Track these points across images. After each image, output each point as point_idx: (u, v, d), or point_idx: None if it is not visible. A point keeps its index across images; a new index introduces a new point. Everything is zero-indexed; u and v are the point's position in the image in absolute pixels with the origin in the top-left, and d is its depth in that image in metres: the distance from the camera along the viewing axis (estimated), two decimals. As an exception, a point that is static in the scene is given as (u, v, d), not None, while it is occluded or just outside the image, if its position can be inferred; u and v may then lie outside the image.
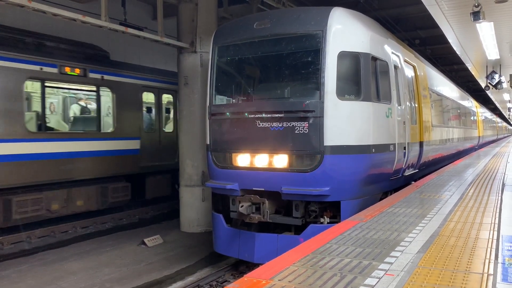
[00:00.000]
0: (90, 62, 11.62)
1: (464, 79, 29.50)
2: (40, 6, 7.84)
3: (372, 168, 6.93)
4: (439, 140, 11.85)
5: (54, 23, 10.91)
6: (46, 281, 7.54)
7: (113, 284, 7.42)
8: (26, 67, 10.02)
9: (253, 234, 7.05)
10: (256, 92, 7.52)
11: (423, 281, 3.13)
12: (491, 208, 5.83)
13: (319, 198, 6.61)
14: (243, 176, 7.01)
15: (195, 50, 10.78)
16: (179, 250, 9.37)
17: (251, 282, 3.13)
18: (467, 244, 4.07)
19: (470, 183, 8.30)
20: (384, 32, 8.21)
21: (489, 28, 10.64)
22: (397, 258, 3.68)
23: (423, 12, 11.57)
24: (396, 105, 7.70)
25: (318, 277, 3.24)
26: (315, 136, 6.46)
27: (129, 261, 8.63)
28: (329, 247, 4.04)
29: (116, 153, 12.19)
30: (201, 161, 10.60)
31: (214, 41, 7.69)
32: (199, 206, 10.83)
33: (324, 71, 6.53)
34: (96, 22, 8.80)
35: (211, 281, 7.57)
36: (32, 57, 10.19)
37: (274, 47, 7.09)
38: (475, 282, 3.09)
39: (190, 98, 10.88)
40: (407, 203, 6.29)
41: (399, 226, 4.85)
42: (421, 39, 18.87)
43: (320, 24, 6.71)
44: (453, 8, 9.13)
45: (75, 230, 11.10)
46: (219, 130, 7.38)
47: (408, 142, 8.22)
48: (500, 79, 16.51)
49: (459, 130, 16.43)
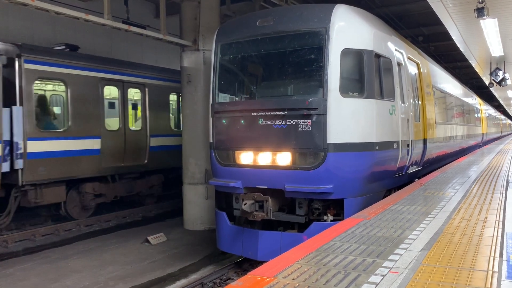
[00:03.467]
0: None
1: (467, 76, 29.38)
2: (43, 5, 7.86)
3: (375, 165, 6.91)
4: (443, 137, 11.81)
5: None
6: (50, 279, 7.57)
7: (117, 282, 7.44)
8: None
9: (256, 232, 7.05)
10: (259, 89, 7.51)
11: (427, 278, 3.12)
12: (496, 205, 5.80)
13: (323, 196, 6.60)
14: (246, 174, 7.01)
15: (198, 48, 10.77)
16: (183, 248, 9.39)
17: (254, 280, 3.13)
18: (471, 242, 4.06)
19: (474, 181, 8.27)
20: (388, 29, 8.18)
21: (493, 24, 10.58)
22: (401, 255, 3.67)
23: (427, 9, 11.53)
24: (399, 103, 7.67)
25: (322, 274, 3.23)
26: (319, 134, 6.44)
27: (133, 259, 8.65)
28: (333, 245, 4.03)
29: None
30: (204, 159, 10.61)
31: (217, 39, 7.68)
32: (202, 204, 10.84)
33: (327, 68, 6.51)
34: (99, 20, 8.80)
35: (215, 278, 7.58)
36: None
37: (277, 45, 7.07)
38: (480, 280, 3.08)
39: (193, 96, 10.88)
40: (411, 200, 6.27)
41: (403, 223, 4.84)
42: (425, 36, 18.79)
43: (323, 21, 6.68)
44: (457, 4, 9.07)
45: (79, 228, 11.13)
46: (222, 128, 7.38)
47: (411, 139, 8.19)
48: (504, 76, 16.43)
49: (462, 128, 16.37)
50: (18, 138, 9.59)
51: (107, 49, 15.21)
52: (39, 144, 9.99)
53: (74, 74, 10.87)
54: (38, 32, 13.26)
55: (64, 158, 10.56)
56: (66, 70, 10.72)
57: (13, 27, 12.63)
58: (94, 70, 11.35)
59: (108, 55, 13.96)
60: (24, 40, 11.92)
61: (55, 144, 10.38)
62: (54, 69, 10.46)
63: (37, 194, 10.16)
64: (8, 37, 11.53)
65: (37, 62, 10.06)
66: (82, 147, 11.02)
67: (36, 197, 10.16)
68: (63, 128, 10.80)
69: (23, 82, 9.75)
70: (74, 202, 11.34)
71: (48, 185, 10.33)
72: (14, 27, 12.65)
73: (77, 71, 10.98)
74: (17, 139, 9.58)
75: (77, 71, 10.98)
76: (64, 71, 10.66)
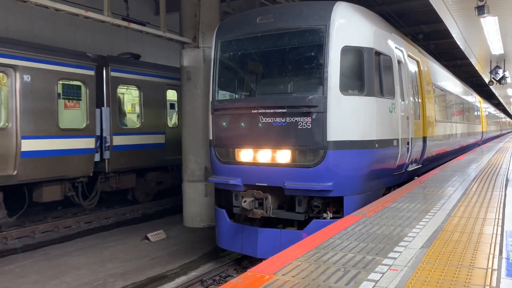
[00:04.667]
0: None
1: (467, 74, 29.39)
2: (43, 1, 7.83)
3: (375, 163, 6.91)
4: (443, 135, 11.81)
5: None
6: (50, 276, 7.58)
7: (117, 279, 7.45)
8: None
9: (256, 229, 7.06)
10: (259, 87, 7.50)
11: (427, 276, 3.13)
12: (495, 203, 5.81)
13: (322, 193, 6.60)
14: (246, 172, 7.01)
15: (198, 45, 10.76)
16: (182, 245, 9.39)
17: (254, 277, 3.13)
18: (471, 239, 4.06)
19: (473, 178, 8.27)
20: (388, 27, 8.16)
21: (493, 22, 10.58)
22: (401, 253, 3.67)
23: (427, 7, 11.52)
24: (399, 100, 7.67)
25: (322, 272, 3.23)
26: (318, 131, 6.44)
27: (133, 256, 8.66)
28: (332, 242, 4.03)
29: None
30: (204, 156, 10.61)
31: (217, 36, 7.67)
32: (202, 202, 10.85)
33: (327, 66, 6.50)
34: (99, 17, 8.78)
35: (214, 276, 7.59)
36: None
37: (277, 42, 7.06)
38: (479, 277, 3.08)
39: (192, 93, 10.87)
40: (410, 198, 6.28)
41: (403, 221, 4.84)
42: (425, 34, 18.77)
43: (323, 19, 6.67)
44: (457, 2, 9.07)
45: (78, 225, 11.15)
46: (222, 126, 7.37)
47: (411, 137, 8.19)
48: (504, 74, 16.45)
49: (462, 125, 16.37)
50: (106, 133, 11.80)
51: (107, 47, 15.19)
52: (121, 139, 12.17)
53: (146, 80, 13.11)
54: (37, 29, 13.23)
55: (138, 150, 12.71)
56: (140, 77, 12.94)
57: (13, 24, 12.60)
58: (160, 77, 13.61)
59: (109, 53, 13.97)
60: (23, 37, 11.91)
61: (131, 139, 12.56)
62: (131, 76, 12.65)
63: (116, 180, 12.33)
64: (8, 35, 11.50)
65: (119, 71, 12.15)
66: (151, 141, 13.16)
67: (116, 183, 12.32)
68: (137, 125, 13.04)
69: (110, 87, 11.93)
70: (141, 188, 13.45)
71: (125, 173, 12.49)
72: (13, 24, 12.61)
73: (149, 78, 13.21)
74: (105, 134, 11.79)
75: (149, 78, 13.21)
76: (138, 78, 12.87)
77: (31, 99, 9.80)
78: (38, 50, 10.14)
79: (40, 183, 10.29)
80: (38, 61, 9.99)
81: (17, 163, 9.51)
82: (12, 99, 9.50)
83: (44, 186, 10.38)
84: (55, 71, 10.36)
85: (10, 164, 9.45)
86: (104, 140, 11.73)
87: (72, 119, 11.15)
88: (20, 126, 9.54)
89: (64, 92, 10.91)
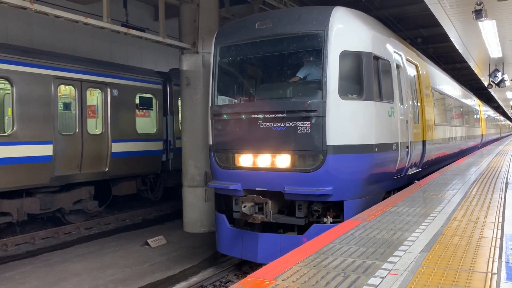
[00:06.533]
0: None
1: (466, 77, 29.44)
2: (42, 8, 7.87)
3: (375, 167, 6.92)
4: (442, 139, 11.82)
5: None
6: (50, 282, 7.56)
7: (117, 284, 7.43)
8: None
9: (256, 234, 7.05)
10: (258, 92, 7.52)
11: (426, 280, 3.13)
12: (495, 206, 5.81)
13: (322, 198, 6.60)
14: (246, 176, 7.01)
15: (197, 50, 10.78)
16: (183, 251, 9.38)
17: (254, 282, 3.13)
18: (470, 243, 4.06)
19: (473, 182, 8.27)
20: (386, 31, 8.19)
21: (491, 26, 10.61)
22: (401, 257, 3.67)
23: (425, 11, 11.56)
24: (398, 104, 7.68)
25: (322, 277, 3.23)
26: (318, 136, 6.45)
27: (133, 261, 8.64)
28: (332, 247, 4.03)
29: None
30: (203, 161, 10.61)
31: (216, 42, 7.69)
32: (202, 207, 10.84)
33: (326, 70, 6.52)
34: (99, 23, 8.81)
35: (215, 281, 7.58)
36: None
37: (276, 47, 7.08)
38: (479, 281, 3.08)
39: (192, 98, 10.88)
40: (410, 202, 6.28)
41: (402, 225, 4.84)
42: (423, 37, 18.83)
43: (321, 24, 6.70)
44: (455, 6, 9.10)
45: (78, 231, 11.13)
46: (221, 131, 7.38)
47: (411, 141, 8.20)
48: (503, 77, 16.47)
49: (462, 129, 16.39)
50: (170, 137, 13.97)
51: (107, 53, 15.23)
52: (179, 142, 12.83)
53: None
54: (37, 36, 13.27)
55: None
56: None
57: (13, 31, 12.64)
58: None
59: (108, 59, 14.05)
60: (23, 43, 11.94)
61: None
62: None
63: (173, 178, 14.04)
64: (7, 41, 11.54)
65: (178, 85, 12.84)
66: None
67: (173, 180, 14.07)
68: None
69: (173, 99, 14.03)
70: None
71: (177, 172, 13.08)
72: (13, 31, 12.65)
73: None
74: (170, 138, 13.97)
75: None
76: None
77: (118, 109, 11.97)
78: (124, 69, 12.51)
79: (121, 179, 12.48)
80: (124, 78, 12.22)
81: (108, 161, 11.65)
82: (105, 109, 11.64)
83: (124, 182, 12.64)
84: (135, 86, 12.66)
85: (104, 162, 11.57)
86: (168, 143, 13.87)
87: (145, 125, 13.43)
88: (111, 131, 11.67)
89: (141, 103, 13.17)
